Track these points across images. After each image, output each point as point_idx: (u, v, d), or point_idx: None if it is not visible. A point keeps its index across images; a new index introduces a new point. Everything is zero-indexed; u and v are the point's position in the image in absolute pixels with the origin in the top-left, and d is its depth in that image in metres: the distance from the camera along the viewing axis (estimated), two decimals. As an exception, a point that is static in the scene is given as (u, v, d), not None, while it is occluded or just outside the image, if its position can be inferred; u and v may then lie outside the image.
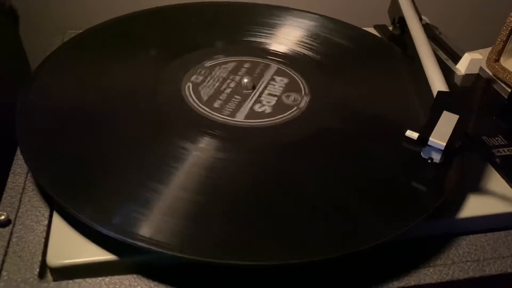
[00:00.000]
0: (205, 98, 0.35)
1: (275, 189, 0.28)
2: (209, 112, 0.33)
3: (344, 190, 0.29)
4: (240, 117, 0.33)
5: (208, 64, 0.39)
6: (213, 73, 0.37)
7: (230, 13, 0.46)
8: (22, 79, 0.58)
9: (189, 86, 0.36)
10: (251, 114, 0.34)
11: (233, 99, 0.35)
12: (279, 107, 0.35)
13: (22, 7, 0.58)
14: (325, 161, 0.31)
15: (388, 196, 0.29)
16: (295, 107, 0.35)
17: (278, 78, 0.38)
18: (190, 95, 0.35)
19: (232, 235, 0.26)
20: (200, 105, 0.34)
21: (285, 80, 0.38)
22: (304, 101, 0.35)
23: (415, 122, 0.31)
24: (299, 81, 0.38)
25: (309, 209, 0.27)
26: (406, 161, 0.31)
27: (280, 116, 0.34)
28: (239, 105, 0.35)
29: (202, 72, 0.37)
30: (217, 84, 0.36)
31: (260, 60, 0.40)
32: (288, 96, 0.35)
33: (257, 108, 0.34)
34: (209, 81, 0.36)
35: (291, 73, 0.39)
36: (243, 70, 0.39)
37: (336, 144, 0.32)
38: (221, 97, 0.35)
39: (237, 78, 0.37)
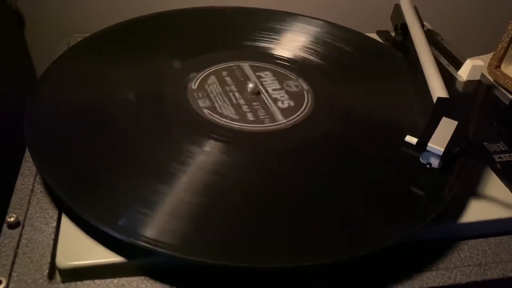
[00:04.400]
0: (235, 116, 0.34)
1: (280, 193, 0.29)
2: (255, 126, 0.33)
3: (347, 194, 0.29)
4: (281, 119, 0.34)
5: (194, 85, 0.37)
6: (209, 91, 0.36)
7: (248, 17, 0.46)
8: (28, 82, 0.58)
9: (208, 112, 0.34)
10: (285, 112, 0.35)
11: (256, 107, 0.35)
12: (295, 97, 0.36)
13: (28, 10, 0.59)
14: (328, 165, 0.31)
15: (390, 200, 0.29)
16: (304, 92, 0.36)
17: (263, 74, 0.38)
18: (217, 118, 0.34)
19: (238, 237, 0.26)
20: (239, 123, 0.33)
21: (270, 73, 0.38)
22: (304, 84, 0.37)
23: (416, 128, 0.31)
24: (279, 70, 0.39)
25: (312, 213, 0.28)
26: (409, 166, 0.31)
27: (305, 104, 0.35)
28: (267, 109, 0.35)
29: (200, 95, 0.36)
30: (227, 100, 0.36)
31: (230, 64, 0.40)
32: (288, 85, 0.36)
33: (281, 105, 0.35)
34: (217, 100, 0.35)
35: (266, 66, 0.39)
36: (228, 78, 0.38)
37: (338, 149, 0.33)
38: (245, 109, 0.35)
39: (233, 87, 0.37)
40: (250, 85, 0.36)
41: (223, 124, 0.33)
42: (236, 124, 0.33)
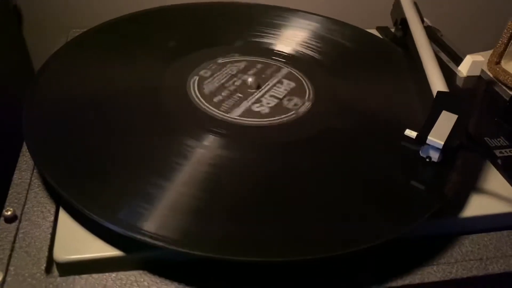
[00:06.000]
0: (207, 92, 0.35)
1: (278, 188, 0.29)
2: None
3: (347, 189, 0.29)
4: (235, 114, 0.34)
5: (220, 61, 0.39)
6: (223, 69, 0.38)
7: (243, 13, 0.46)
8: (26, 77, 0.58)
9: (195, 80, 0.36)
10: (248, 112, 0.34)
11: (234, 96, 0.35)
12: (278, 109, 0.35)
13: (27, 6, 0.58)
14: (328, 160, 0.31)
15: (392, 195, 0.29)
16: (293, 111, 0.35)
17: (285, 81, 0.38)
18: (194, 89, 0.35)
19: (236, 231, 0.26)
20: (201, 99, 0.35)
21: (292, 84, 0.38)
22: (304, 106, 0.35)
23: (416, 122, 0.31)
24: (306, 87, 0.38)
25: (312, 207, 0.28)
26: (410, 161, 0.31)
27: (276, 118, 0.34)
28: (238, 102, 0.35)
29: (213, 67, 0.38)
30: (223, 81, 0.37)
31: (272, 62, 0.40)
32: (290, 100, 0.36)
33: (255, 107, 0.35)
34: (216, 76, 0.36)
35: (301, 78, 0.39)
36: (253, 70, 0.39)
37: (338, 143, 0.33)
38: (223, 93, 0.35)
39: (245, 76, 0.38)
40: (250, 79, 0.36)
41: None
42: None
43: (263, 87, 0.37)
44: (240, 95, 0.36)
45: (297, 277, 0.26)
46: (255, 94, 0.36)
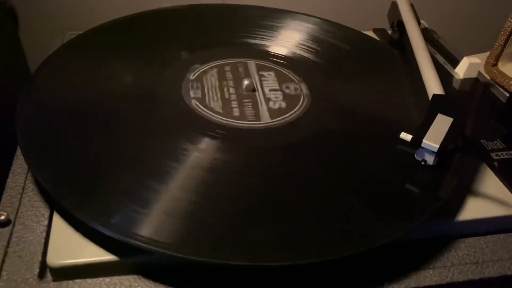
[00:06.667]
0: (202, 94, 0.35)
1: (275, 191, 0.29)
2: (203, 110, 0.33)
3: (343, 192, 0.29)
4: (231, 117, 0.33)
5: (217, 63, 0.39)
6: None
7: (240, 15, 0.46)
8: (21, 79, 0.58)
9: (191, 82, 0.36)
10: (243, 115, 0.34)
11: (230, 99, 0.35)
12: (274, 111, 0.35)
13: (22, 7, 0.58)
14: (324, 162, 0.31)
15: (387, 198, 0.29)
16: (289, 113, 0.34)
17: (281, 84, 0.38)
18: (189, 91, 0.35)
19: (231, 235, 0.26)
20: (196, 102, 0.34)
21: (288, 86, 0.38)
22: (300, 108, 0.35)
23: (412, 125, 0.31)
24: (302, 89, 0.37)
25: (307, 211, 0.28)
26: (406, 164, 0.31)
27: (272, 120, 0.34)
28: (234, 105, 0.35)
29: (209, 70, 0.38)
30: (218, 83, 0.36)
31: (268, 64, 0.40)
32: (285, 102, 0.35)
33: (250, 110, 0.34)
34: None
35: (297, 80, 0.38)
36: (249, 72, 0.39)
37: (334, 146, 0.32)
38: (218, 96, 0.35)
39: (240, 79, 0.37)
40: (246, 82, 0.36)
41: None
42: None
43: (258, 89, 0.37)
44: (235, 97, 0.36)
45: (296, 278, 0.26)
46: (251, 96, 0.36)
